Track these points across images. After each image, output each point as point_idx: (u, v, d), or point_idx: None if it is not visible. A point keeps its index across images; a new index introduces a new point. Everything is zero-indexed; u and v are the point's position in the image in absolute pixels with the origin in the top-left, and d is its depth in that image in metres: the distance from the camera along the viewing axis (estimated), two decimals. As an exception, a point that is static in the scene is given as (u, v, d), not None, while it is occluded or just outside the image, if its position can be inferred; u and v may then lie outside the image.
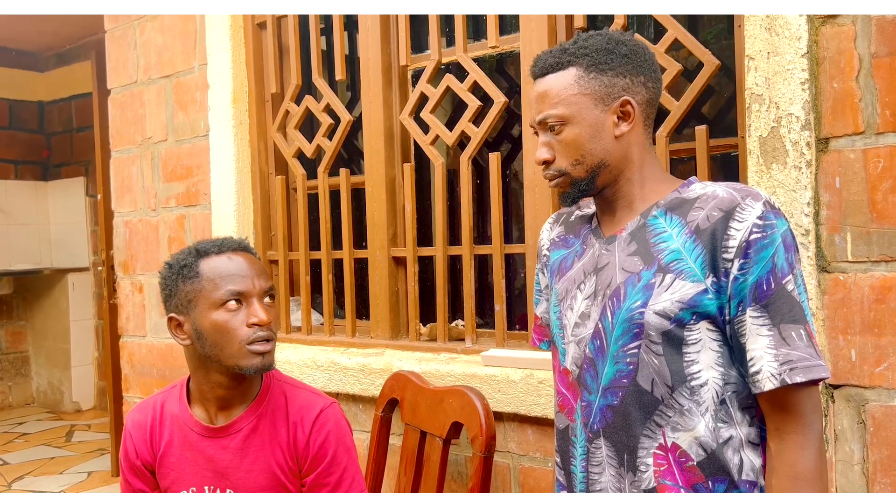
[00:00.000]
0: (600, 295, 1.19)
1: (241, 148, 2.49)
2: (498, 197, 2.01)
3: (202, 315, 1.40)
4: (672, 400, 1.12)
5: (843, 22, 1.47)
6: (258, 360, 1.40)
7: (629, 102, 1.17)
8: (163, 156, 2.73)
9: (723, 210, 1.09)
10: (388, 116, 2.23)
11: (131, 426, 1.55)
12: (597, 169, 1.18)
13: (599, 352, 1.18)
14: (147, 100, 2.77)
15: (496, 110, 2.00)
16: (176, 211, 2.70)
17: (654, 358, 1.12)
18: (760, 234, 1.06)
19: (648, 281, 1.13)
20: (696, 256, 1.10)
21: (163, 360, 2.76)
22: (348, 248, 2.32)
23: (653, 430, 1.14)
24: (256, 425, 1.48)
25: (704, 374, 1.11)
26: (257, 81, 2.51)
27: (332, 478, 1.47)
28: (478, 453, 1.71)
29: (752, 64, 1.54)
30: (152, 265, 2.78)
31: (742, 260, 1.07)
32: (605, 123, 1.17)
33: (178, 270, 1.43)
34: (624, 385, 1.15)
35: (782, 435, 1.08)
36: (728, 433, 1.12)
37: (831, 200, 1.49)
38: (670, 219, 1.15)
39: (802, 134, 1.49)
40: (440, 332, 2.13)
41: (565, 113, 1.17)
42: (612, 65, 1.17)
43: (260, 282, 1.43)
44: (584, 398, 1.21)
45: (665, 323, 1.11)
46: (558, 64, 1.18)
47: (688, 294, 1.09)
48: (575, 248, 1.29)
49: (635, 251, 1.17)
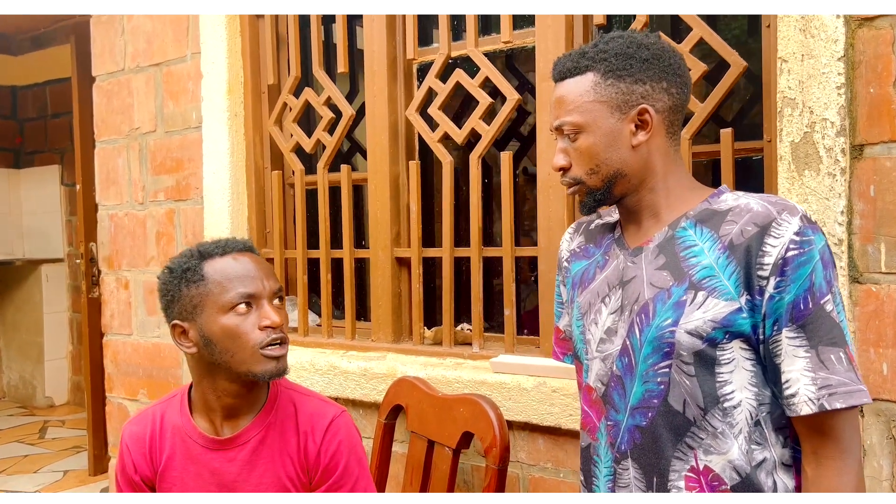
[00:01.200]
0: (627, 310, 1.13)
1: (235, 141, 2.39)
2: (509, 197, 1.94)
3: (210, 320, 1.31)
4: (704, 422, 1.06)
5: (881, 25, 1.42)
6: (272, 365, 1.32)
7: (647, 111, 1.10)
8: (151, 147, 2.62)
9: (758, 225, 1.03)
10: (393, 111, 2.14)
11: (129, 439, 1.46)
12: (613, 178, 1.13)
13: (628, 370, 1.12)
14: (135, 88, 2.65)
15: (509, 108, 1.93)
16: (165, 205, 2.59)
17: (685, 378, 1.07)
18: (798, 250, 1.01)
19: (679, 298, 1.07)
20: (729, 273, 1.04)
21: (149, 359, 2.66)
22: (349, 247, 2.24)
23: (684, 452, 1.08)
24: (265, 436, 1.40)
25: (738, 395, 1.06)
26: (253, 72, 2.41)
27: (344, 490, 1.41)
28: (491, 465, 1.65)
29: (786, 66, 1.49)
30: (139, 261, 2.67)
31: (778, 278, 1.01)
32: (621, 132, 1.11)
33: (180, 274, 1.34)
34: (654, 405, 1.09)
35: (820, 460, 1.03)
36: (762, 455, 1.07)
37: (865, 209, 1.45)
38: (701, 231, 1.09)
39: (837, 140, 1.44)
40: (446, 337, 2.06)
41: (580, 121, 1.12)
42: (630, 70, 1.10)
43: (269, 283, 1.35)
44: (610, 417, 1.15)
45: (697, 342, 1.05)
46: (576, 69, 1.13)
47: (721, 313, 1.04)
48: (596, 259, 1.23)
49: (664, 265, 1.11)
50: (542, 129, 1.87)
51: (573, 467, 1.79)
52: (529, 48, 1.97)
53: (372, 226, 2.17)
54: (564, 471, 1.81)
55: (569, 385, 1.74)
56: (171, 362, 2.58)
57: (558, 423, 1.76)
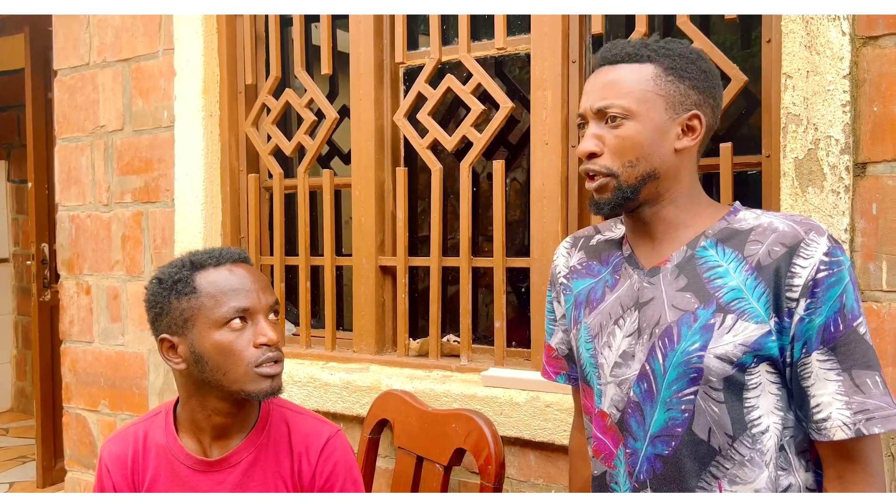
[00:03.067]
0: (646, 333, 1.08)
1: (210, 142, 2.30)
2: (501, 207, 1.90)
3: (202, 335, 1.23)
4: (732, 450, 1.03)
5: (886, 44, 1.43)
6: (267, 384, 1.25)
7: (698, 117, 1.07)
8: (118, 146, 2.50)
9: (786, 245, 1.01)
10: (379, 116, 2.08)
11: (108, 459, 1.36)
12: (647, 177, 1.07)
13: (647, 396, 1.08)
14: (101, 84, 2.52)
15: (502, 115, 1.89)
16: (132, 207, 2.47)
17: (713, 405, 1.03)
18: (828, 271, 0.99)
19: (707, 321, 1.03)
20: (758, 295, 1.01)
21: (112, 368, 2.53)
22: (330, 254, 2.17)
23: (708, 482, 1.05)
24: (257, 457, 1.33)
25: (765, 420, 1.03)
26: (230, 71, 2.32)
27: None
28: (487, 483, 1.60)
29: (790, 82, 1.48)
30: (102, 265, 2.54)
31: (809, 300, 0.98)
32: (669, 131, 1.07)
33: (170, 286, 1.25)
34: (678, 434, 1.05)
35: (846, 484, 1.01)
36: (787, 481, 1.04)
37: (867, 227, 1.45)
38: (723, 251, 1.06)
39: (842, 158, 1.44)
40: (432, 349, 2.00)
41: (633, 107, 1.06)
42: (691, 75, 1.08)
43: (266, 296, 1.27)
44: (628, 445, 1.11)
45: (727, 368, 1.02)
46: (637, 56, 1.08)
47: (752, 336, 1.01)
48: (604, 278, 1.18)
49: (686, 286, 1.07)
50: (537, 138, 1.83)
51: (564, 483, 1.76)
52: (519, 55, 1.93)
53: (356, 233, 2.11)
54: (556, 487, 1.77)
55: (563, 400, 1.71)
56: (137, 372, 2.46)
57: (552, 439, 1.72)
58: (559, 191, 1.80)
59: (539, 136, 1.82)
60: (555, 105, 1.80)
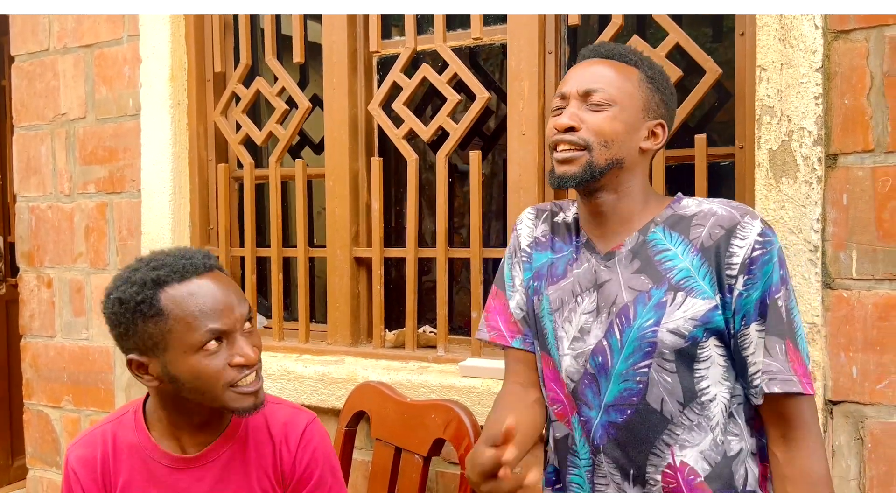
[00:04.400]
0: (604, 312, 1.18)
1: (178, 131, 2.24)
2: (478, 197, 1.90)
3: (175, 360, 1.16)
4: (682, 417, 1.13)
5: (857, 38, 1.46)
6: (250, 402, 1.21)
7: (663, 126, 1.20)
8: (80, 135, 2.43)
9: (724, 227, 1.12)
10: (353, 105, 2.06)
11: (76, 463, 1.31)
12: (614, 163, 1.16)
13: (602, 368, 1.17)
14: (62, 71, 2.44)
15: (479, 105, 1.88)
16: (96, 198, 2.41)
17: (665, 376, 1.13)
18: (761, 250, 1.09)
19: (660, 300, 1.13)
20: (703, 274, 1.12)
21: (76, 363, 2.47)
22: (303, 245, 2.14)
23: (661, 449, 1.14)
24: (236, 451, 1.31)
25: (713, 390, 1.13)
26: (198, 59, 2.27)
27: None
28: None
29: (765, 75, 1.51)
30: (65, 258, 2.47)
31: (746, 276, 1.09)
32: (640, 129, 1.18)
33: (133, 307, 1.15)
34: (633, 403, 1.14)
35: (789, 443, 1.11)
36: (738, 446, 1.14)
37: (838, 217, 1.49)
38: (671, 236, 1.16)
39: (814, 149, 1.47)
40: (409, 340, 2.00)
41: (618, 97, 1.16)
42: (664, 90, 1.21)
43: (239, 309, 1.19)
44: (582, 413, 1.19)
45: (679, 341, 1.12)
46: (626, 58, 1.20)
47: (700, 311, 1.11)
48: (566, 255, 1.26)
49: (640, 269, 1.17)
50: (513, 128, 1.83)
51: (542, 472, 1.77)
52: (494, 45, 1.93)
53: (329, 224, 2.09)
54: (533, 475, 1.78)
55: (541, 389, 1.72)
56: (102, 367, 2.40)
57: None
58: (536, 181, 1.81)
59: (516, 127, 1.82)
60: (531, 96, 1.80)
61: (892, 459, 1.46)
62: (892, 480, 1.46)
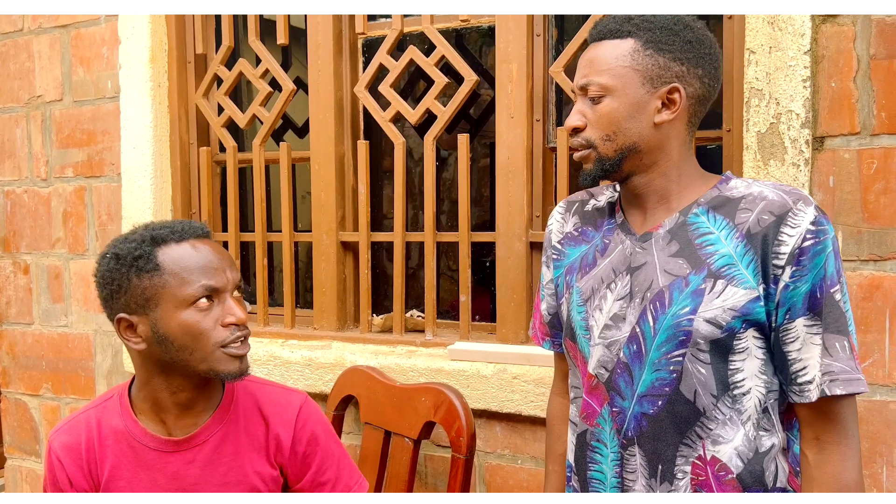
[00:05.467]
0: (638, 297, 1.11)
1: (159, 113, 2.21)
2: (466, 181, 1.90)
3: (166, 315, 1.18)
4: (715, 410, 1.07)
5: (844, 22, 1.48)
6: (236, 365, 1.22)
7: (678, 90, 1.08)
8: (57, 118, 2.37)
9: (774, 214, 1.04)
10: (339, 88, 2.04)
11: (60, 450, 1.29)
12: (626, 151, 1.11)
13: (636, 357, 1.11)
14: (37, 52, 2.39)
15: (467, 88, 1.87)
16: (74, 182, 2.36)
17: (699, 367, 1.07)
18: (814, 240, 1.02)
19: (698, 286, 1.06)
20: (748, 262, 1.05)
21: (55, 351, 2.43)
22: (288, 230, 2.12)
23: (693, 441, 1.09)
24: (227, 432, 1.30)
25: (748, 383, 1.07)
26: (178, 40, 2.22)
27: (330, 473, 1.34)
28: (458, 455, 1.61)
29: (753, 58, 1.52)
30: (42, 243, 2.42)
31: (794, 267, 1.02)
32: (647, 105, 1.09)
33: (130, 263, 1.18)
34: (666, 394, 1.09)
35: (822, 445, 1.06)
36: (770, 442, 1.09)
37: (824, 199, 1.51)
38: (714, 219, 1.09)
39: (802, 132, 1.49)
40: (396, 324, 1.99)
41: (609, 83, 1.09)
42: (672, 47, 1.08)
43: (232, 274, 1.23)
44: (615, 404, 1.14)
45: (716, 331, 1.05)
46: (618, 31, 1.10)
47: (740, 301, 1.04)
48: (595, 243, 1.21)
49: (678, 252, 1.10)
50: (502, 111, 1.83)
51: (530, 453, 1.79)
52: (481, 28, 1.92)
53: (315, 208, 2.07)
54: (522, 457, 1.80)
55: (529, 372, 1.73)
56: (82, 354, 2.37)
57: (518, 410, 1.74)
58: (524, 164, 1.81)
59: (504, 110, 1.82)
60: (520, 78, 1.80)
61: (874, 436, 1.49)
62: (875, 457, 1.49)
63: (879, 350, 1.48)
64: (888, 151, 1.45)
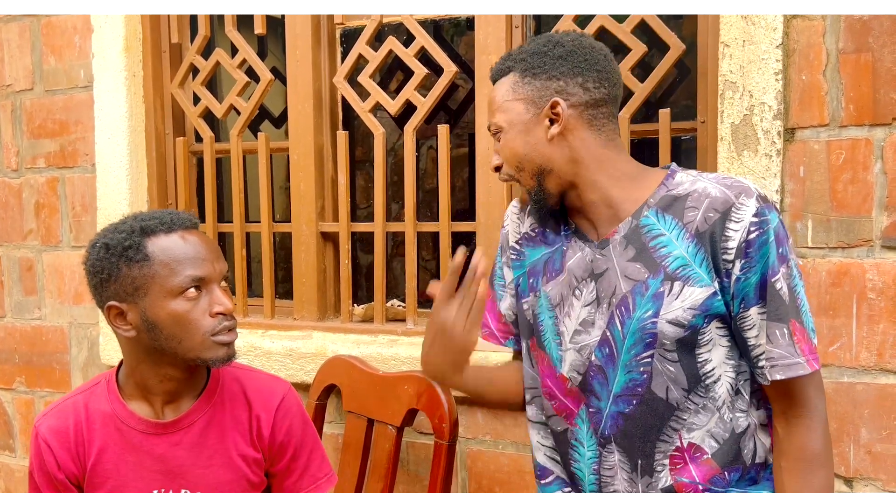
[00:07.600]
0: (605, 303, 1.15)
1: (134, 103, 2.18)
2: (447, 171, 1.92)
3: (155, 304, 1.21)
4: (687, 402, 1.12)
5: (814, 17, 1.52)
6: (223, 352, 1.26)
7: (558, 104, 1.12)
8: (28, 108, 2.34)
9: (718, 211, 1.07)
10: (317, 78, 2.04)
11: (48, 434, 1.31)
12: (540, 175, 1.15)
13: (609, 360, 1.15)
14: (6, 40, 2.34)
15: (447, 79, 1.89)
16: (46, 173, 2.33)
17: (669, 365, 1.12)
18: (758, 231, 1.06)
19: (657, 290, 1.11)
20: (700, 261, 1.09)
21: (28, 344, 2.40)
22: (267, 221, 2.12)
23: (669, 435, 1.14)
24: (213, 415, 1.33)
25: (717, 371, 1.12)
26: (153, 29, 2.20)
27: (301, 461, 1.39)
28: (441, 441, 1.63)
29: (727, 51, 1.56)
30: (13, 235, 2.39)
31: (743, 260, 1.06)
32: (536, 127, 1.14)
33: (120, 252, 1.21)
34: (638, 393, 1.13)
35: (789, 419, 1.11)
36: (746, 422, 1.14)
37: (795, 188, 1.56)
38: (664, 219, 1.12)
39: (774, 123, 1.53)
40: (377, 314, 2.01)
41: (500, 120, 1.16)
42: (544, 68, 1.13)
43: (219, 265, 1.27)
44: (592, 404, 1.18)
45: (680, 331, 1.10)
46: (501, 70, 1.18)
47: (699, 300, 1.09)
48: (559, 247, 1.23)
49: (635, 256, 1.13)
50: (481, 102, 1.85)
51: (511, 438, 1.82)
52: (460, 20, 1.94)
53: (294, 199, 2.07)
54: (503, 443, 1.83)
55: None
56: (57, 346, 2.34)
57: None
58: (504, 155, 1.83)
59: (484, 100, 1.84)
60: (499, 70, 1.82)
61: (842, 416, 1.55)
62: (843, 436, 1.55)
63: (847, 334, 1.53)
64: (855, 143, 1.51)
